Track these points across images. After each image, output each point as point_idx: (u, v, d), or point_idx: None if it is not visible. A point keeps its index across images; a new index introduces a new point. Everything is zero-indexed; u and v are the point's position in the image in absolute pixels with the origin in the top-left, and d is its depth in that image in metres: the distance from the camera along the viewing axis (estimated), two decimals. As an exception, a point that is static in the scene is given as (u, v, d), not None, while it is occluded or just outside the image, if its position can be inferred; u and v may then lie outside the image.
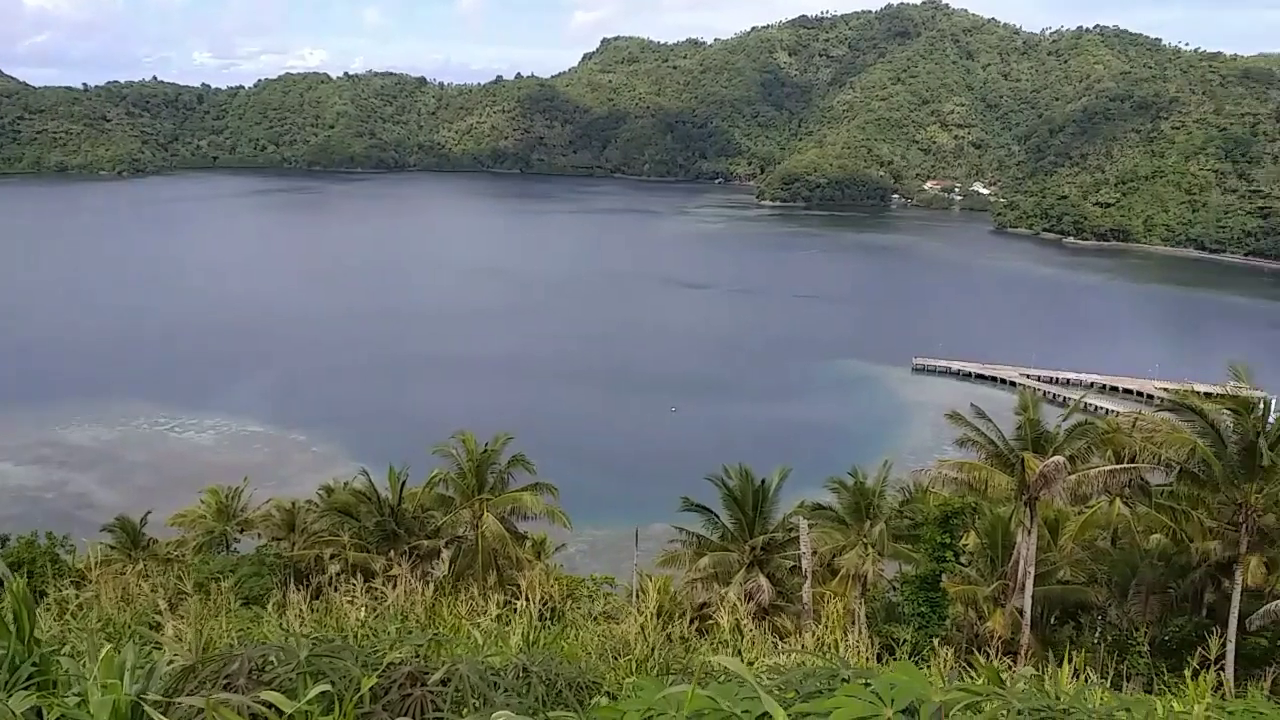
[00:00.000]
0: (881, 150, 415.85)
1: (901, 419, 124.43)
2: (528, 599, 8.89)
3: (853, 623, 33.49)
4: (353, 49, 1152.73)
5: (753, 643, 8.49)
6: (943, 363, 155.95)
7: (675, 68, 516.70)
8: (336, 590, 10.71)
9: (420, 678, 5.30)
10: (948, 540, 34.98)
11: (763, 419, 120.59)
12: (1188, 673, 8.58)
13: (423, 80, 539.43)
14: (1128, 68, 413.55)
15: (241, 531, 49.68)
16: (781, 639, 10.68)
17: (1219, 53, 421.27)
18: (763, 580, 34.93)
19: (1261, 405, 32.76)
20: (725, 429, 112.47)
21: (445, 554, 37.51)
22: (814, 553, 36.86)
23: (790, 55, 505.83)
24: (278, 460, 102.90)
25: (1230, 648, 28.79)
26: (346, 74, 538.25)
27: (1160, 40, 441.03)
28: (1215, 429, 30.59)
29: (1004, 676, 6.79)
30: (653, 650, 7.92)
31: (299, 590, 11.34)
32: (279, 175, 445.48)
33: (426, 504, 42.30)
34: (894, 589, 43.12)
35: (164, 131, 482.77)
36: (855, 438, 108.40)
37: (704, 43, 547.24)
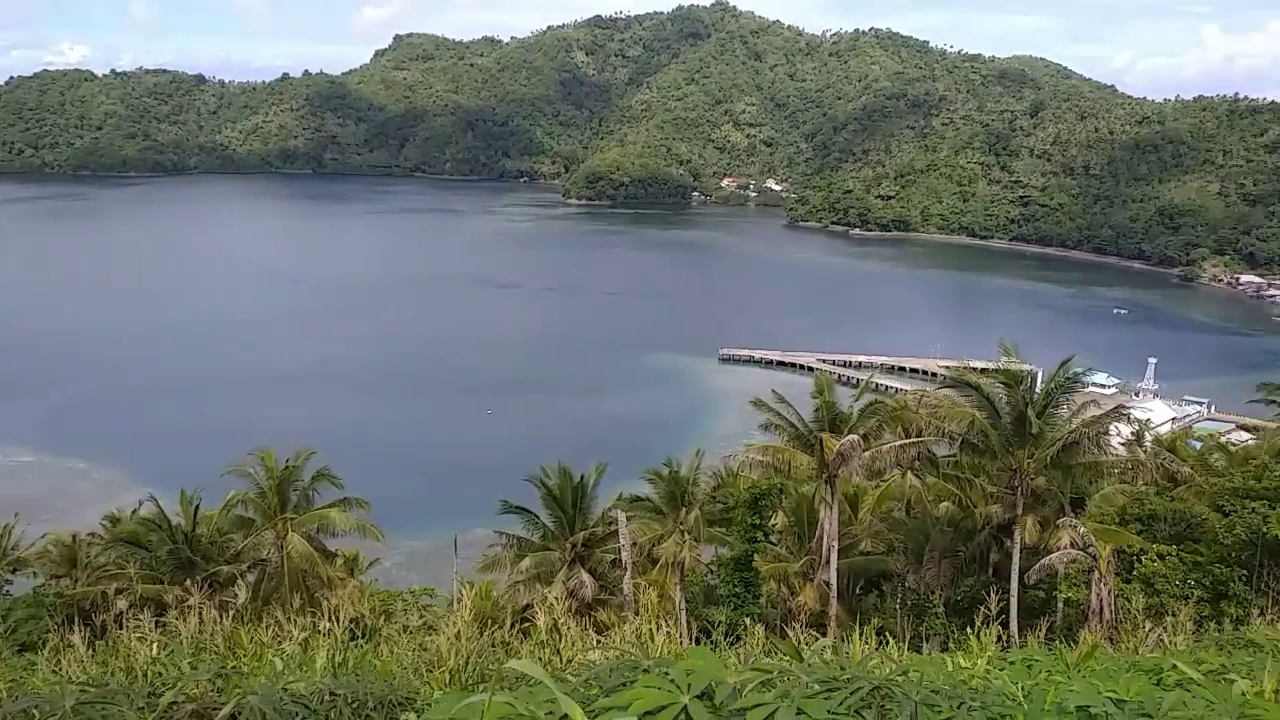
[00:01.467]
0: (680, 149, 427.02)
1: (711, 408, 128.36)
2: (334, 619, 8.42)
3: (674, 609, 34.17)
4: (119, 45, 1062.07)
5: (571, 641, 8.39)
6: (747, 352, 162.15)
7: (472, 65, 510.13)
8: (124, 627, 9.82)
9: (207, 714, 4.85)
10: (758, 521, 36.33)
11: (579, 415, 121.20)
12: (972, 630, 9.16)
13: (201, 78, 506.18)
14: (901, 68, 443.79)
15: (14, 571, 44.99)
16: (601, 633, 10.66)
17: (979, 54, 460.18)
18: (585, 576, 35.00)
19: (1029, 378, 35.84)
20: (542, 428, 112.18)
21: (246, 579, 35.34)
22: (633, 544, 37.30)
23: (587, 55, 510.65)
24: (54, 491, 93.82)
25: (1013, 602, 31.33)
26: (114, 71, 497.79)
27: (928, 43, 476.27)
28: (990, 402, 33.20)
29: (811, 648, 7.04)
30: (468, 660, 7.67)
31: (82, 631, 10.30)
32: (40, 181, 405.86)
33: (224, 528, 39.68)
34: (711, 572, 44.38)
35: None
36: (669, 428, 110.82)
37: (500, 41, 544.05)
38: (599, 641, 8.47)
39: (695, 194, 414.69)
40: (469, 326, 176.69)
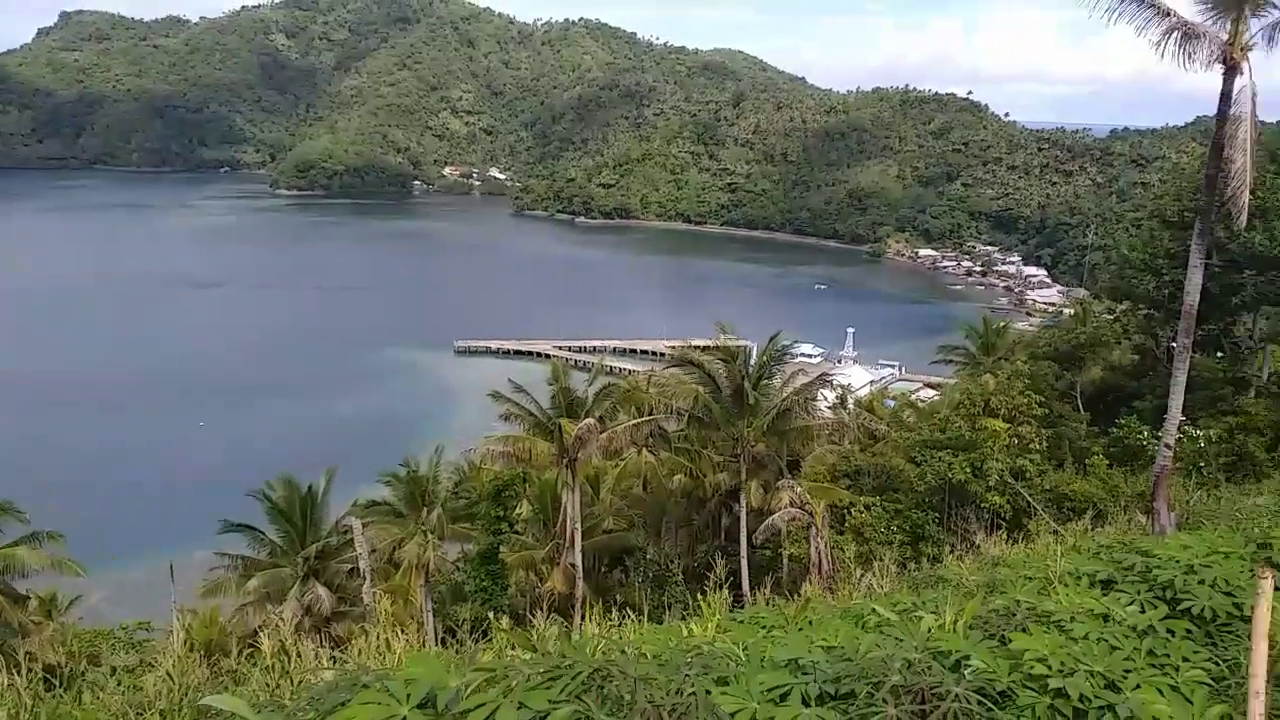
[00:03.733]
0: (397, 137, 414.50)
1: (449, 402, 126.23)
2: (19, 670, 7.42)
3: (418, 613, 33.39)
4: None
5: (304, 660, 7.95)
6: (483, 342, 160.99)
7: (157, 47, 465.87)
8: None
9: None
10: (501, 513, 36.28)
11: (307, 420, 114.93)
12: (705, 595, 9.65)
13: None
14: (612, 59, 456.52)
15: None
16: (339, 648, 10.20)
17: (684, 47, 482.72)
18: (320, 590, 33.34)
19: (744, 353, 38.26)
20: (265, 437, 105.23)
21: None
22: (372, 551, 36.01)
23: (288, 38, 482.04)
24: None
25: (744, 563, 33.47)
26: None
27: (636, 34, 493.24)
28: (711, 378, 35.16)
29: (543, 635, 7.14)
30: (183, 698, 7.06)
31: None
32: None
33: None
34: (458, 570, 43.78)
35: None
36: (406, 426, 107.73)
37: (187, 21, 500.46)
38: (335, 658, 8.10)
39: (417, 183, 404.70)
40: (168, 332, 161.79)
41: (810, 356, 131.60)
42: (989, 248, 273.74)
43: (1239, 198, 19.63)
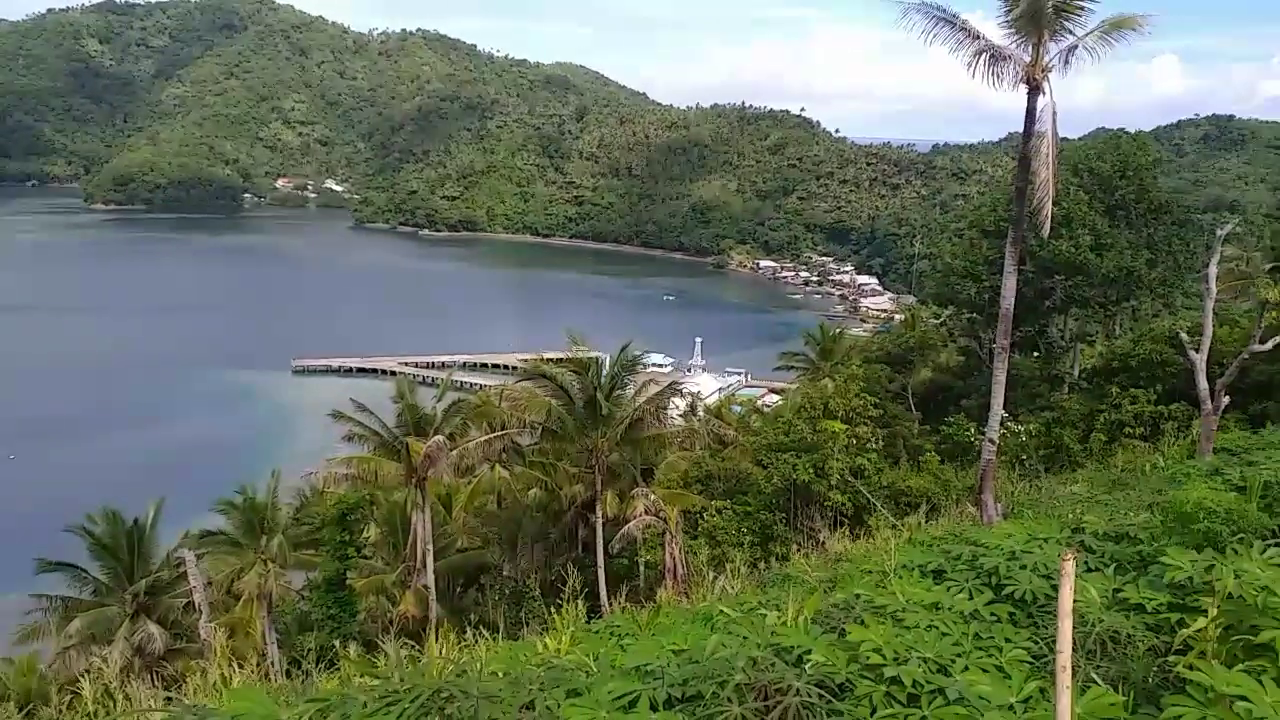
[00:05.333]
0: (225, 148, 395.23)
1: (288, 424, 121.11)
2: None
3: (261, 646, 31.86)
4: None
5: (133, 703, 7.46)
6: (323, 361, 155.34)
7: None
8: None
9: None
10: (348, 537, 35.05)
11: (132, 450, 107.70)
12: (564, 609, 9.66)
13: None
14: (452, 70, 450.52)
15: None
16: (174, 687, 9.63)
17: (525, 60, 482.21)
18: (152, 628, 31.33)
19: (595, 364, 38.43)
20: (85, 469, 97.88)
21: None
22: (208, 583, 34.14)
23: (102, 43, 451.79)
24: None
25: (601, 573, 33.54)
26: None
27: (476, 46, 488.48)
28: (564, 389, 35.12)
29: (388, 661, 6.97)
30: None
31: None
32: None
33: None
34: (304, 598, 42.00)
35: None
36: (242, 452, 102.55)
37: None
38: (169, 698, 7.63)
39: (248, 196, 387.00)
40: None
41: (661, 366, 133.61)
42: (824, 258, 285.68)
43: (1043, 208, 21.23)
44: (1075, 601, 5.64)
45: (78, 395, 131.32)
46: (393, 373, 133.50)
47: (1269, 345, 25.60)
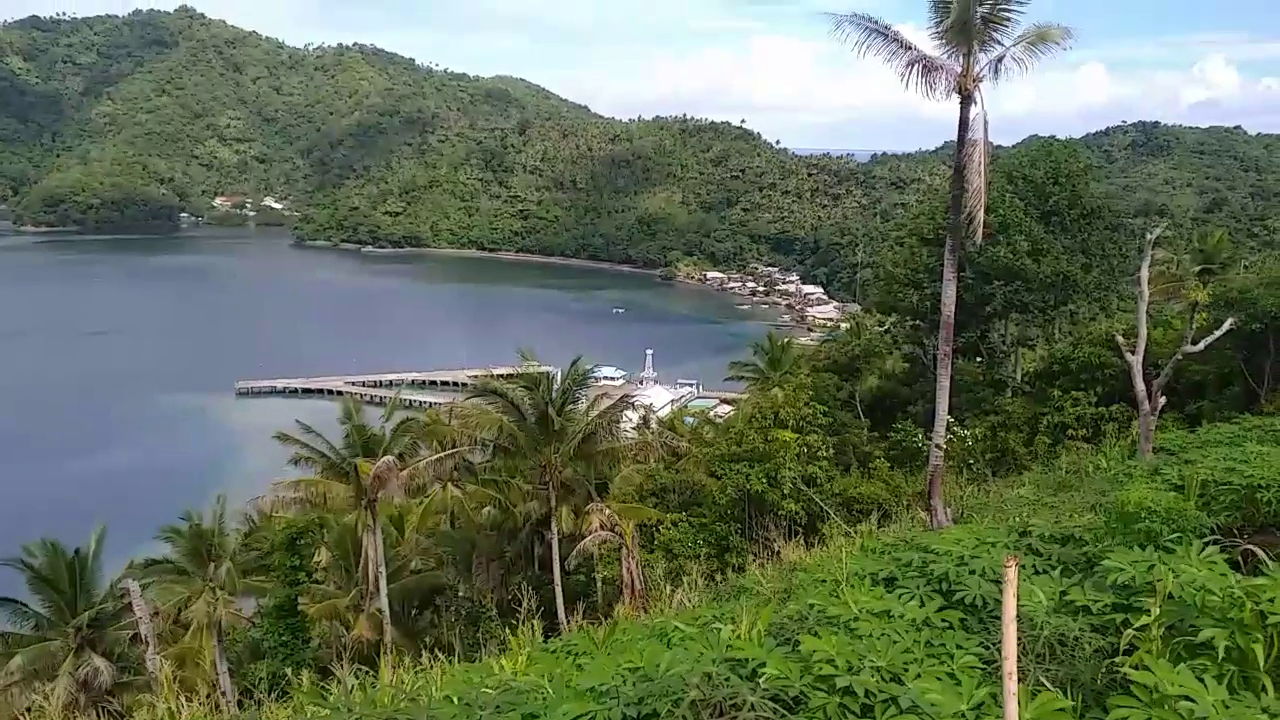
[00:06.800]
0: (159, 166, 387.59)
1: (232, 448, 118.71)
2: None
3: (211, 676, 31.14)
4: None
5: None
6: (267, 383, 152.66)
7: None
8: None
9: None
10: (298, 562, 34.48)
11: (70, 479, 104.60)
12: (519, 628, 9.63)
13: None
14: (391, 85, 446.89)
15: None
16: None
17: (465, 74, 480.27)
18: (98, 661, 30.44)
19: (546, 378, 38.31)
20: (20, 500, 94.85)
21: None
22: (155, 613, 33.29)
23: (26, 61, 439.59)
24: None
25: (558, 591, 33.35)
26: None
27: (415, 60, 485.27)
28: (515, 405, 34.90)
29: (337, 689, 6.90)
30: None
31: None
32: None
33: None
34: (254, 625, 41.16)
35: None
36: (186, 477, 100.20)
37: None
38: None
39: (185, 215, 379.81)
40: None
41: (612, 379, 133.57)
42: (770, 268, 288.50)
43: (975, 215, 21.72)
44: (1023, 605, 5.79)
45: (11, 422, 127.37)
46: (339, 393, 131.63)
47: (1200, 346, 26.47)
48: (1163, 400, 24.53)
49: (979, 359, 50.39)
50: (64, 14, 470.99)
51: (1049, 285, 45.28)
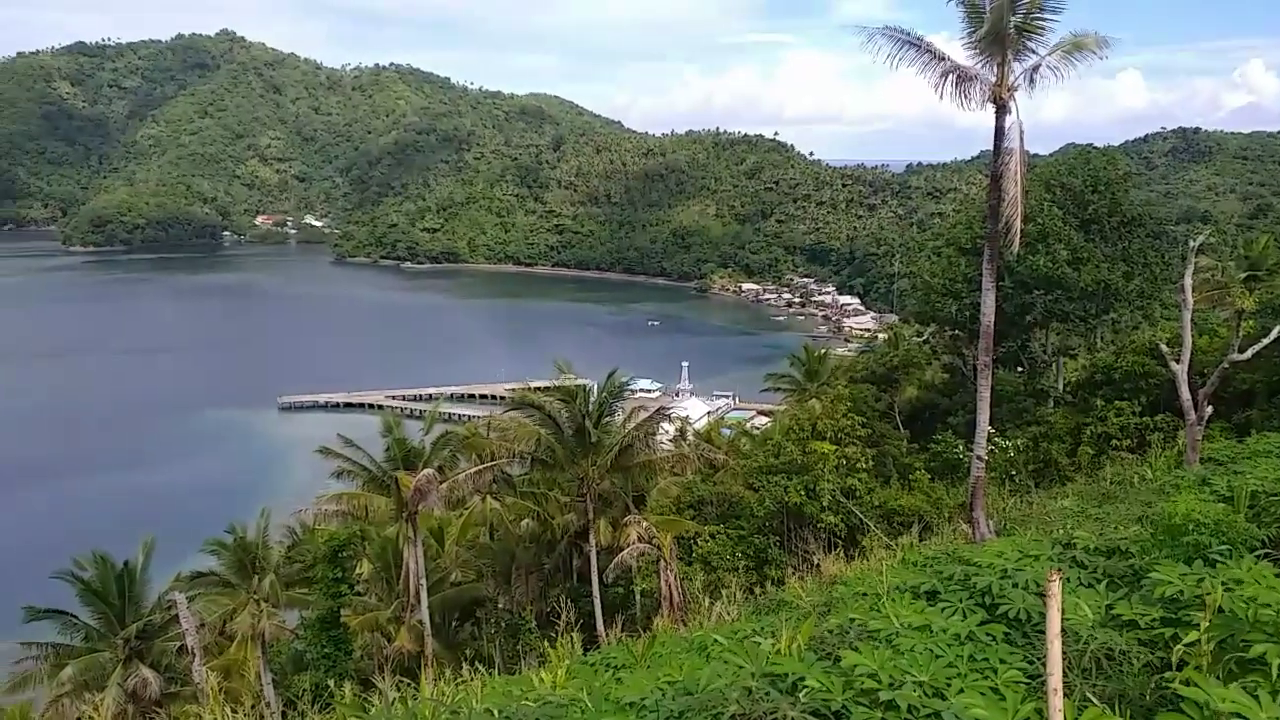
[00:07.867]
0: (202, 186, 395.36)
1: (276, 462, 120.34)
2: None
3: (256, 687, 31.55)
4: None
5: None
6: (309, 397, 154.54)
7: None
8: None
9: None
10: (340, 574, 34.79)
11: (120, 493, 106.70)
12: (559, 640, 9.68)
13: None
14: (427, 104, 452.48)
15: None
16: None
17: (499, 91, 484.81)
18: (146, 672, 30.97)
19: (583, 391, 38.48)
20: (73, 516, 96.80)
21: None
22: (201, 625, 33.78)
23: (74, 85, 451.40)
24: None
25: (597, 603, 33.40)
26: None
27: (450, 79, 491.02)
28: (553, 418, 35.10)
29: (382, 700, 6.98)
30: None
31: None
32: None
33: None
34: (298, 637, 41.63)
35: None
36: (230, 491, 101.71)
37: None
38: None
39: (227, 234, 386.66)
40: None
41: (649, 391, 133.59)
42: (806, 279, 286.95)
43: (1012, 224, 21.51)
44: (1068, 619, 5.74)
45: (61, 439, 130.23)
46: (380, 406, 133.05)
47: (1248, 354, 25.95)
48: (1209, 409, 24.06)
49: (1020, 369, 49.73)
50: (109, 39, 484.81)
51: (1090, 294, 44.58)
